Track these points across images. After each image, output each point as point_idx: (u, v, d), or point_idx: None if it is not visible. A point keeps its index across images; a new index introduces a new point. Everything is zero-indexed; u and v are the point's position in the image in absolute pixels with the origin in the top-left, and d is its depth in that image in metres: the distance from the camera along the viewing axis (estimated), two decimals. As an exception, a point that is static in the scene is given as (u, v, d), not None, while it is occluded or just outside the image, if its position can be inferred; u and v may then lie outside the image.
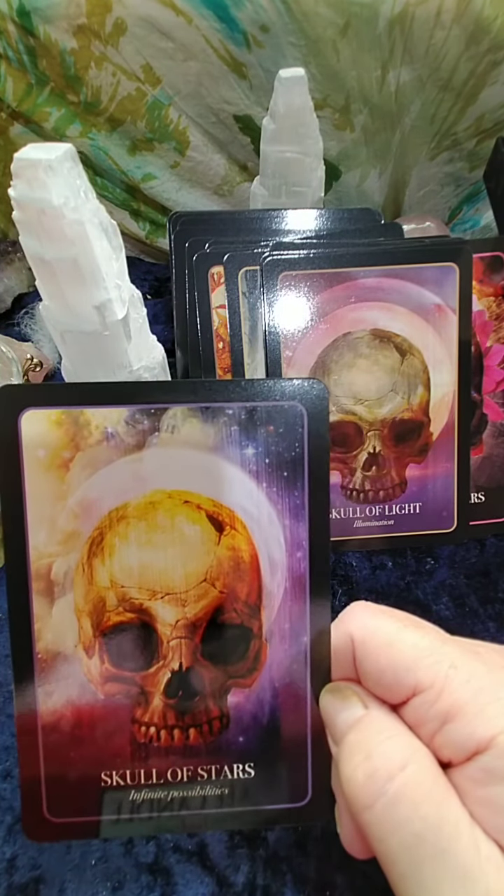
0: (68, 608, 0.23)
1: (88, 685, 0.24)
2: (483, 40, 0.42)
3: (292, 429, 0.23)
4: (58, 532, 0.23)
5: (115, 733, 0.24)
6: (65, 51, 0.45)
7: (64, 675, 0.24)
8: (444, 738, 0.16)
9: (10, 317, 0.55)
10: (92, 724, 0.24)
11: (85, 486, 0.23)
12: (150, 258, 0.62)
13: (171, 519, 0.24)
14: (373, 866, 0.28)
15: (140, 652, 0.24)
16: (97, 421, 0.23)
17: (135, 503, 0.23)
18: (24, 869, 0.29)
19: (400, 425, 0.38)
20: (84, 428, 0.23)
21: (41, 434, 0.23)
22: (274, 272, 0.37)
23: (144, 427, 0.23)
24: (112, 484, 0.23)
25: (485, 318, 0.39)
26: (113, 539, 0.23)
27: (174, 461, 0.23)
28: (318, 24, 0.42)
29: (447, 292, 0.37)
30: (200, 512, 0.24)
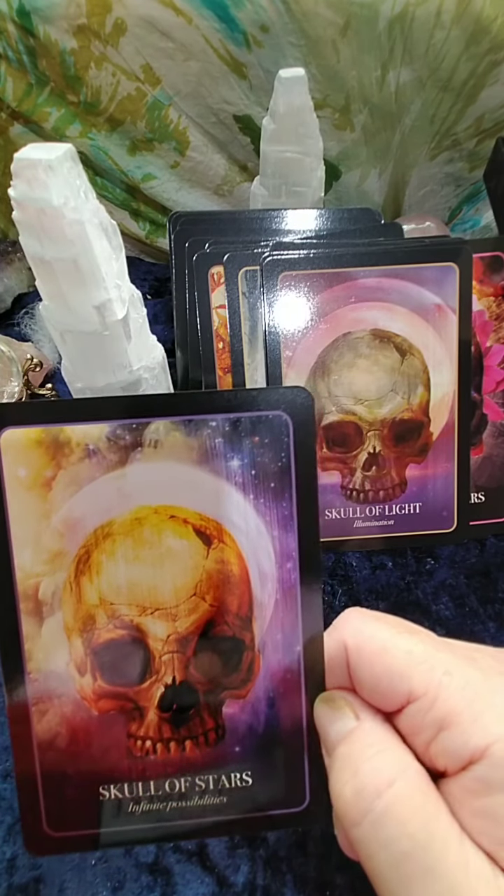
0: (58, 627, 0.23)
1: (82, 703, 0.24)
2: (483, 40, 0.42)
3: (278, 439, 0.23)
4: (43, 552, 0.23)
5: (112, 748, 0.24)
6: (65, 51, 0.45)
7: (57, 693, 0.24)
8: (438, 746, 0.16)
9: (10, 317, 0.55)
10: (88, 740, 0.24)
11: (69, 505, 0.23)
12: (150, 258, 0.62)
13: (157, 534, 0.24)
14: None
15: (132, 668, 0.24)
16: (77, 438, 0.23)
17: (120, 520, 0.23)
18: (24, 869, 0.29)
19: (400, 425, 0.38)
20: (65, 446, 0.23)
21: (21, 453, 0.22)
22: (274, 272, 0.37)
23: (126, 442, 0.23)
24: (96, 501, 0.23)
25: (485, 318, 0.39)
26: (100, 556, 0.23)
27: (158, 476, 0.23)
28: (318, 24, 0.42)
29: (447, 292, 0.37)
30: (187, 526, 0.24)
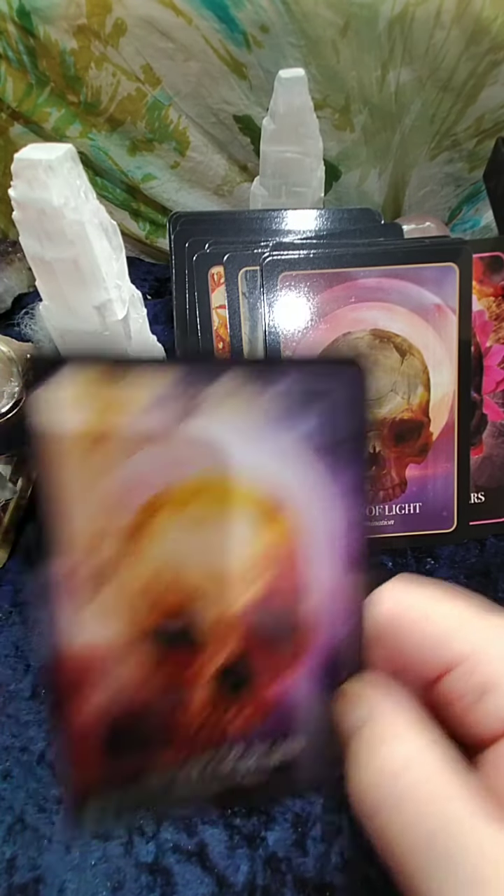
0: (110, 595, 0.21)
1: (131, 679, 0.22)
2: (483, 40, 0.42)
3: (343, 407, 0.21)
4: (95, 517, 0.20)
5: (165, 719, 0.23)
6: (65, 51, 0.45)
7: (104, 672, 0.22)
8: (480, 711, 0.16)
9: (10, 317, 0.55)
10: (140, 713, 0.22)
11: (123, 466, 0.20)
12: (150, 258, 0.62)
13: (217, 502, 0.21)
14: (373, 867, 0.28)
15: (186, 640, 0.22)
16: (137, 395, 0.20)
17: (177, 486, 0.21)
18: (24, 869, 0.29)
19: (400, 425, 0.38)
20: (122, 398, 0.20)
21: (77, 399, 0.19)
22: (274, 272, 0.37)
23: (189, 396, 0.20)
24: (152, 464, 0.21)
25: (485, 318, 0.39)
26: (156, 524, 0.21)
27: (221, 441, 0.21)
28: (318, 24, 0.42)
29: (447, 292, 0.37)
30: (248, 494, 0.22)
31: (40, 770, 0.31)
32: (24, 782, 0.31)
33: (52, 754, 0.24)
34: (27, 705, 0.33)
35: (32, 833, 0.30)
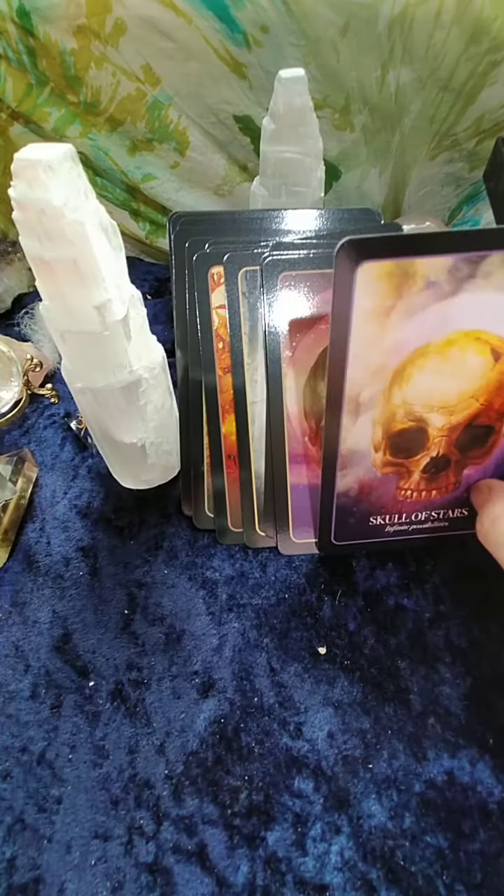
0: (368, 421, 0.30)
1: (372, 468, 0.33)
2: (483, 40, 0.42)
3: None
4: (371, 367, 0.28)
5: (384, 496, 0.34)
6: (65, 51, 0.45)
7: (356, 463, 0.32)
8: None
9: (10, 317, 0.55)
10: (369, 491, 0.34)
11: (399, 330, 0.27)
12: (150, 258, 0.62)
13: (462, 352, 0.28)
14: (373, 867, 0.28)
15: (414, 447, 0.32)
16: (423, 271, 0.25)
17: (436, 342, 0.28)
18: (23, 869, 0.29)
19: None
20: (410, 278, 0.26)
21: (372, 286, 0.25)
22: (274, 272, 0.37)
23: (463, 274, 0.26)
24: (423, 326, 0.27)
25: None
26: (412, 370, 0.29)
27: (480, 304, 0.27)
28: (318, 24, 0.42)
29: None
30: (487, 346, 0.28)
31: (40, 770, 0.31)
32: (24, 782, 0.31)
33: (317, 510, 0.35)
34: (27, 705, 0.33)
35: (32, 833, 0.30)
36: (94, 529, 0.40)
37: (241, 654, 0.35)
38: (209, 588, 0.37)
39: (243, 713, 0.33)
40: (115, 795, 0.30)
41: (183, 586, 0.37)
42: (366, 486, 0.33)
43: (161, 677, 0.34)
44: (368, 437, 0.31)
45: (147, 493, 0.41)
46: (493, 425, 0.31)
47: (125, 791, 0.31)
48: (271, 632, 0.35)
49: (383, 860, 0.28)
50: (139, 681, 0.34)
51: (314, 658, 0.34)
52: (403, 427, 0.31)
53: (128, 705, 0.33)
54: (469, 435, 0.32)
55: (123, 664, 0.35)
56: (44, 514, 0.41)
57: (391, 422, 0.31)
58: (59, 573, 0.38)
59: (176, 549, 0.39)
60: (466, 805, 0.29)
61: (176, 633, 0.36)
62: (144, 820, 0.30)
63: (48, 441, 0.46)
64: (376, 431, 0.31)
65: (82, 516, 0.41)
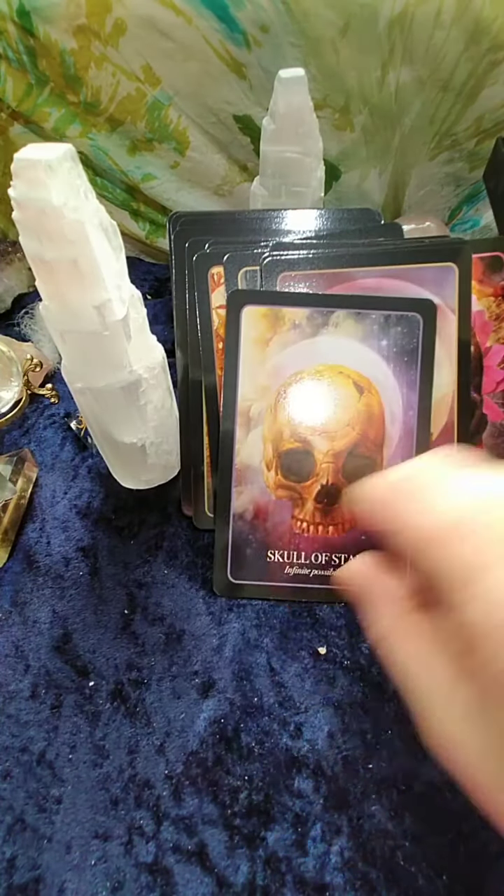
0: (258, 436, 0.35)
1: (266, 489, 0.35)
2: (483, 40, 0.42)
3: (412, 330, 0.35)
4: (257, 386, 0.35)
5: (280, 524, 0.36)
6: (65, 51, 0.45)
7: (251, 481, 0.36)
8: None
9: (10, 317, 0.55)
10: (265, 516, 0.36)
11: (277, 357, 0.35)
12: (150, 258, 0.62)
13: (329, 383, 0.35)
14: (373, 867, 0.28)
15: (303, 469, 0.35)
16: (289, 316, 0.35)
17: (307, 370, 0.35)
18: (23, 869, 0.29)
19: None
20: (280, 320, 0.35)
21: (253, 322, 0.35)
22: (274, 272, 0.37)
23: (318, 322, 0.35)
24: (294, 357, 0.35)
25: (484, 319, 0.39)
26: (291, 393, 0.35)
27: (336, 345, 0.35)
28: (318, 24, 0.42)
29: (446, 293, 0.37)
30: (349, 379, 0.35)
31: (40, 770, 0.31)
32: (24, 782, 0.31)
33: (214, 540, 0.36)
34: (27, 705, 0.33)
35: (32, 833, 0.30)
36: (94, 529, 0.40)
37: (241, 654, 0.35)
38: (209, 588, 0.37)
39: (243, 713, 0.33)
40: (115, 795, 0.30)
41: (183, 586, 0.37)
42: (261, 509, 0.36)
43: (161, 677, 0.34)
44: (260, 452, 0.35)
45: (147, 493, 0.41)
46: (373, 457, 0.35)
47: (125, 791, 0.31)
48: (271, 632, 0.35)
49: (383, 860, 0.28)
50: (139, 681, 0.34)
51: (314, 658, 0.34)
52: (291, 446, 0.35)
53: (128, 705, 0.33)
54: (353, 464, 0.35)
55: (123, 664, 0.35)
56: (44, 514, 0.41)
57: (279, 440, 0.35)
58: (59, 573, 0.38)
59: (176, 549, 0.39)
60: (467, 805, 0.29)
61: (176, 633, 0.36)
62: (144, 820, 0.30)
63: (48, 441, 0.46)
64: (267, 448, 0.35)
65: (82, 516, 0.41)
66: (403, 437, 0.35)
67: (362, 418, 0.35)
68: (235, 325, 0.35)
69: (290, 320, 0.35)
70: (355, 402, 0.35)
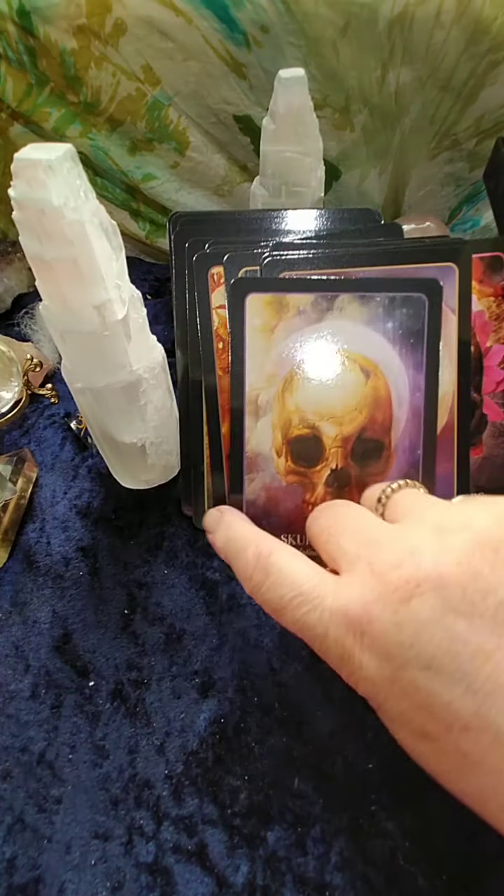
0: (267, 424, 0.35)
1: (277, 476, 0.35)
2: (483, 40, 0.42)
3: (418, 311, 0.35)
4: (264, 374, 0.35)
5: (292, 510, 0.36)
6: (65, 51, 0.45)
7: (262, 468, 0.35)
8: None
9: (10, 317, 0.55)
10: (277, 502, 0.36)
11: (283, 344, 0.35)
12: (150, 258, 0.62)
13: (336, 367, 0.35)
14: (373, 867, 0.28)
15: (312, 455, 0.35)
16: (294, 302, 0.34)
17: (313, 356, 0.35)
18: (23, 869, 0.29)
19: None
20: (285, 307, 0.35)
21: (258, 310, 0.35)
22: (274, 272, 0.37)
23: (323, 307, 0.34)
24: (300, 343, 0.35)
25: (485, 319, 0.39)
26: (298, 380, 0.35)
27: (341, 330, 0.34)
28: (318, 24, 0.42)
29: (447, 293, 0.37)
30: (356, 364, 0.35)
31: (40, 770, 0.31)
32: (24, 782, 0.31)
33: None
34: (27, 705, 0.33)
35: (32, 833, 0.30)
36: (94, 529, 0.40)
37: (241, 654, 0.35)
38: (209, 588, 0.37)
39: (243, 713, 0.33)
40: (115, 795, 0.30)
41: (183, 586, 0.37)
42: (273, 495, 0.36)
43: (161, 677, 0.34)
44: (269, 440, 0.35)
45: (147, 493, 0.41)
46: (381, 440, 0.35)
47: (125, 791, 0.31)
48: (271, 632, 0.35)
49: (383, 860, 0.28)
50: (139, 681, 0.34)
51: (314, 658, 0.34)
52: (299, 433, 0.35)
53: (128, 705, 0.33)
54: (362, 448, 0.35)
55: (123, 664, 0.35)
56: (44, 514, 0.41)
57: (288, 427, 0.35)
58: (59, 573, 0.38)
59: (176, 549, 0.39)
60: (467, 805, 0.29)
61: (176, 633, 0.36)
62: (144, 820, 0.30)
63: (48, 441, 0.46)
64: (276, 435, 0.35)
65: (82, 516, 0.41)
66: (411, 418, 0.35)
67: (369, 402, 0.35)
68: (240, 314, 0.34)
69: (294, 307, 0.34)
70: (362, 386, 0.34)
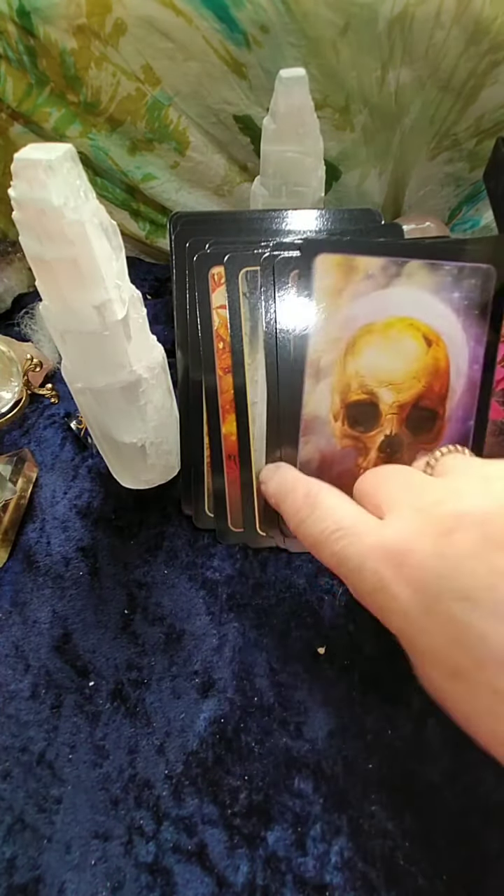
0: (327, 388, 0.35)
1: (332, 438, 0.36)
2: (483, 40, 0.42)
3: (487, 283, 0.34)
4: (328, 337, 0.35)
5: (344, 473, 0.36)
6: (65, 51, 0.45)
7: (317, 431, 0.36)
8: None
9: (10, 317, 0.55)
10: (331, 465, 0.36)
11: (349, 308, 0.35)
12: (150, 258, 0.62)
13: (399, 335, 0.35)
14: (373, 867, 0.28)
15: (368, 420, 0.36)
16: (363, 265, 0.35)
17: (378, 322, 0.35)
18: (24, 869, 0.29)
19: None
20: (354, 269, 0.35)
21: (328, 270, 0.35)
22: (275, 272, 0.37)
23: (392, 272, 0.35)
24: (367, 307, 0.35)
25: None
26: (361, 345, 0.35)
27: (408, 296, 0.35)
28: (318, 24, 0.42)
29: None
30: (419, 332, 0.35)
31: (40, 770, 0.31)
32: (24, 782, 0.31)
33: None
34: (27, 705, 0.33)
35: (32, 833, 0.30)
36: (94, 529, 0.40)
37: (241, 654, 0.35)
38: (209, 588, 0.37)
39: (243, 713, 0.33)
40: (115, 795, 0.30)
41: (183, 586, 0.37)
42: (327, 458, 0.36)
43: (161, 677, 0.34)
44: (327, 403, 0.35)
45: (147, 493, 0.41)
46: (436, 409, 0.36)
47: (125, 791, 0.31)
48: (271, 632, 0.35)
49: (383, 860, 0.28)
50: (139, 681, 0.34)
51: (314, 658, 0.34)
52: (358, 398, 0.35)
53: (128, 705, 0.33)
54: (417, 416, 0.36)
55: (123, 664, 0.35)
56: (44, 514, 0.41)
57: (347, 391, 0.35)
58: (59, 573, 0.38)
59: (176, 549, 0.39)
60: (467, 805, 0.29)
61: (176, 633, 0.36)
62: (144, 820, 0.30)
63: (48, 441, 0.46)
64: (334, 399, 0.35)
65: (82, 516, 0.41)
66: (466, 390, 0.36)
67: (429, 371, 0.35)
68: (308, 273, 0.35)
69: (363, 270, 0.34)
70: (423, 354, 0.35)
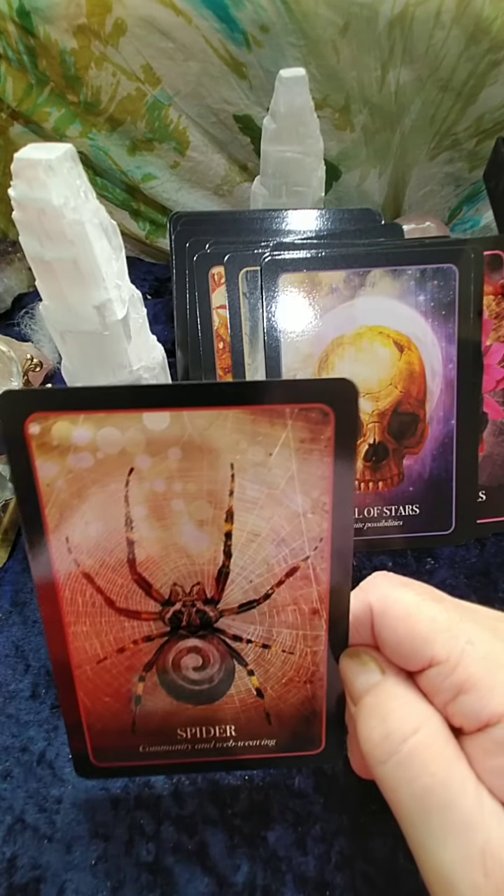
0: None
1: None
2: (483, 40, 0.42)
3: (449, 283, 0.35)
4: (301, 354, 0.36)
5: None
6: (65, 51, 0.45)
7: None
8: (457, 707, 0.17)
9: (10, 317, 0.55)
10: None
11: (317, 324, 0.36)
12: (150, 258, 0.62)
13: (371, 344, 0.36)
14: (373, 867, 0.28)
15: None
16: (326, 280, 0.35)
17: (348, 335, 0.36)
18: (24, 869, 0.29)
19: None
20: (318, 285, 0.36)
21: (290, 287, 0.36)
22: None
23: (355, 284, 0.35)
24: (335, 322, 0.36)
25: (485, 317, 0.39)
26: (334, 358, 0.36)
27: (374, 305, 0.35)
28: (318, 24, 0.42)
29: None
30: (389, 339, 0.36)
31: (40, 770, 0.31)
32: (24, 782, 0.31)
33: None
34: (27, 705, 0.33)
35: (32, 833, 0.30)
36: (94, 529, 0.40)
37: (242, 654, 0.35)
38: (209, 588, 0.37)
39: (243, 713, 0.33)
40: (116, 795, 0.30)
41: (183, 586, 0.37)
42: None
43: (161, 677, 0.34)
44: None
45: (147, 493, 0.40)
46: (416, 413, 0.36)
47: (125, 791, 0.31)
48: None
49: (383, 860, 0.28)
50: (139, 681, 0.34)
51: (314, 658, 0.34)
52: None
53: (128, 705, 0.33)
54: (398, 422, 0.36)
55: (123, 664, 0.35)
56: (44, 514, 0.41)
57: None
58: (59, 573, 0.38)
59: (176, 549, 0.39)
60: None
61: (176, 633, 0.36)
62: (144, 820, 0.30)
63: (48, 441, 0.46)
64: None
65: (82, 516, 0.41)
66: (444, 390, 0.36)
67: (404, 376, 0.35)
68: (273, 294, 0.35)
69: (327, 284, 0.35)
70: (396, 360, 0.35)
